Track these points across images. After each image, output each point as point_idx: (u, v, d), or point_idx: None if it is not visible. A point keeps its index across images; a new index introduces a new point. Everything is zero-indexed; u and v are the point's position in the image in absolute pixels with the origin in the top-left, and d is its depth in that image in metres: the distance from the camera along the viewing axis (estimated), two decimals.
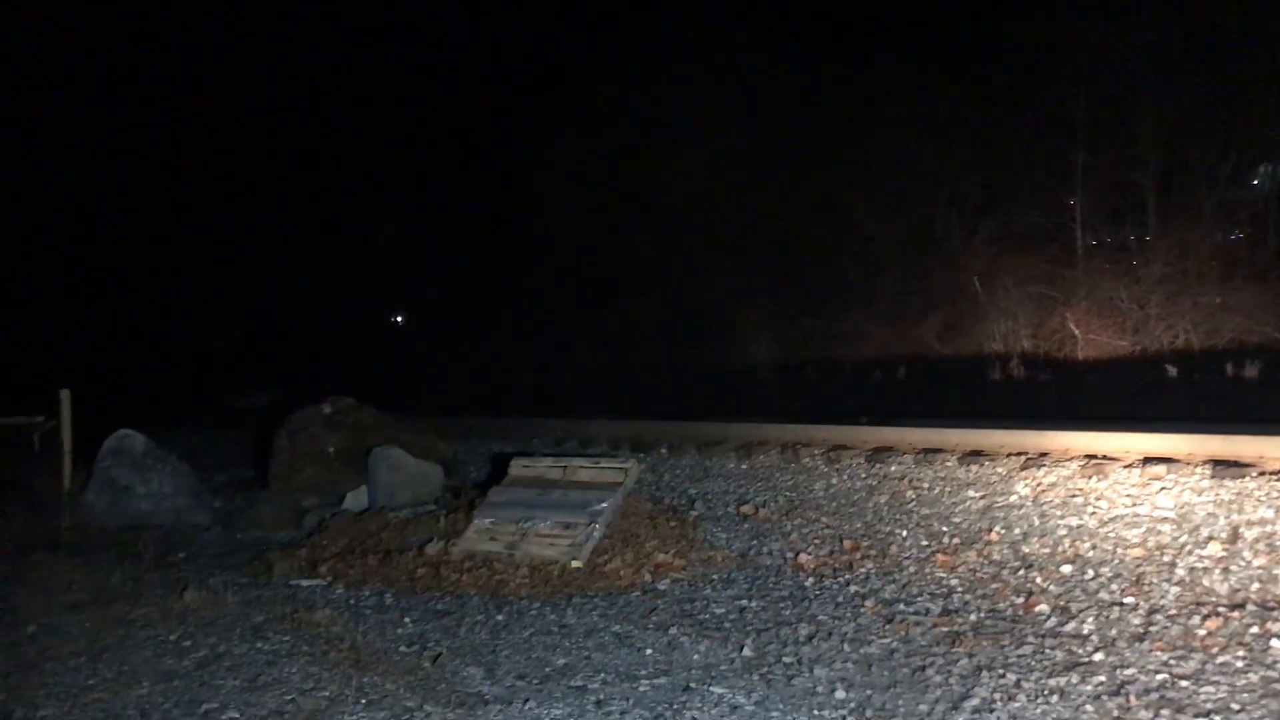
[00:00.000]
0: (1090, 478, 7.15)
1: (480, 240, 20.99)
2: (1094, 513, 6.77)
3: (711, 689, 4.74)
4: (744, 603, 6.08)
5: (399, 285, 21.95)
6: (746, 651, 5.24)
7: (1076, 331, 14.05)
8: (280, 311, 22.71)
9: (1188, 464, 6.93)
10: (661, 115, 17.76)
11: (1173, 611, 5.33)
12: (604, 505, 7.56)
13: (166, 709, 4.65)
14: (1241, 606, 5.24)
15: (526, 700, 4.66)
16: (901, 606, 5.81)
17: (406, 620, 6.07)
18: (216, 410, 16.36)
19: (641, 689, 4.78)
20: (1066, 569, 6.09)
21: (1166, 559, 5.97)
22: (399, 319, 24.02)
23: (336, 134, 22.36)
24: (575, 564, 6.96)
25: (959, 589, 6.03)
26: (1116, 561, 6.09)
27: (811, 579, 6.47)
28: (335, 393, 10.57)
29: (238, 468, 11.15)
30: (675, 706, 4.54)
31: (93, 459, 9.28)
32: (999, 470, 7.72)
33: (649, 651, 5.33)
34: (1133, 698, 4.37)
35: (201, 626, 5.84)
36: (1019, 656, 4.93)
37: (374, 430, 9.96)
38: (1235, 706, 4.24)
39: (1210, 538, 6.08)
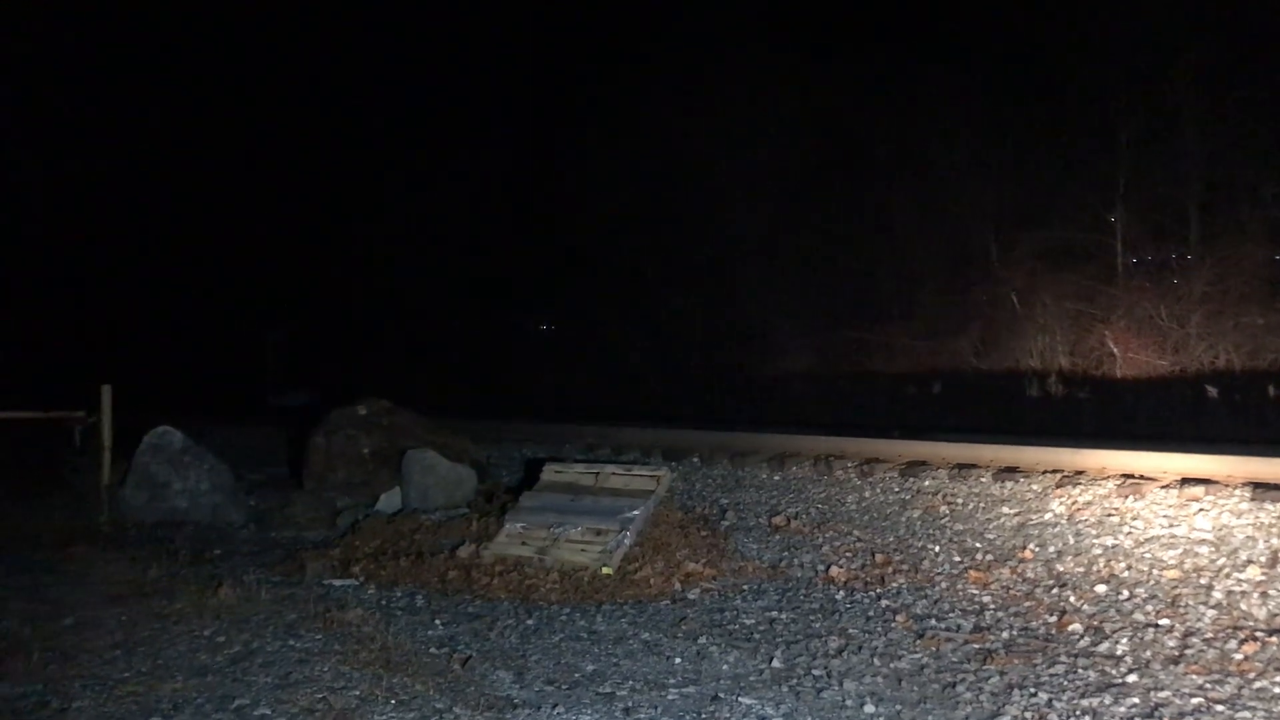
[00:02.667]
0: (1127, 497, 7.08)
1: (514, 242, 21.05)
2: (1130, 533, 6.70)
3: (740, 699, 4.73)
4: (774, 614, 6.06)
5: (431, 286, 22.03)
6: (776, 663, 5.22)
7: (1115, 349, 13.92)
8: (320, 311, 22.92)
9: (1227, 486, 6.85)
10: (705, 120, 17.78)
11: (1209, 635, 5.27)
12: (635, 513, 7.56)
13: (199, 704, 4.69)
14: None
15: (555, 705, 4.67)
16: (933, 622, 5.77)
17: (437, 622, 6.10)
18: (254, 409, 16.51)
19: (670, 697, 4.78)
20: (1101, 589, 6.03)
21: (1203, 581, 5.91)
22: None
23: (378, 136, 22.54)
24: (606, 571, 6.97)
25: (991, 606, 5.99)
26: (1152, 582, 6.02)
27: (842, 592, 6.44)
28: (370, 393, 10.65)
29: (273, 466, 11.25)
30: (703, 716, 4.54)
31: (132, 454, 9.39)
32: (1034, 487, 7.66)
33: (678, 660, 5.32)
34: None
35: (235, 623, 5.90)
36: (1051, 676, 4.89)
37: (408, 432, 10.02)
38: None
39: (1249, 561, 6.01)
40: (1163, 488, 7.07)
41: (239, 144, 23.66)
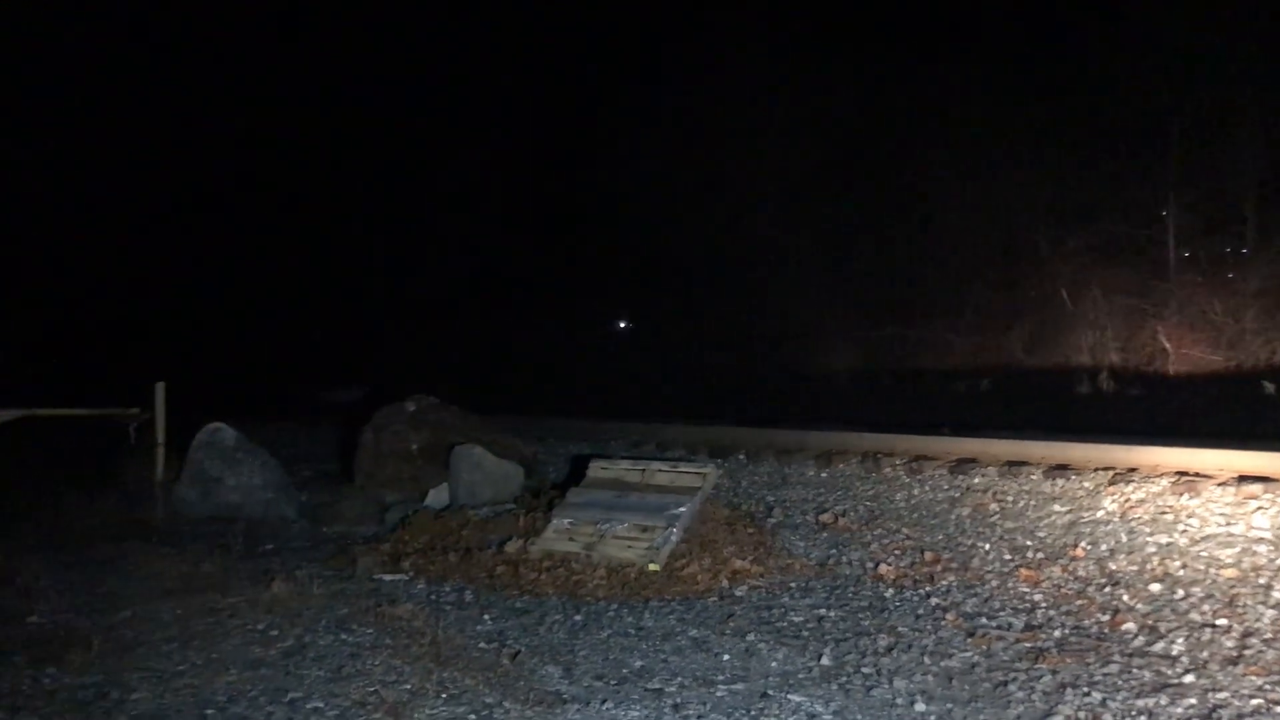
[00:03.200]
0: (1181, 495, 6.98)
1: (556, 240, 21.12)
2: (1185, 531, 6.61)
3: (789, 696, 4.72)
4: (822, 612, 6.04)
5: (477, 282, 22.15)
6: (825, 660, 5.20)
7: (1168, 345, 13.72)
8: (369, 307, 23.14)
9: None
10: (749, 115, 17.72)
11: (1268, 635, 5.18)
12: (682, 509, 7.56)
13: (253, 696, 4.76)
14: None
15: (604, 701, 4.69)
16: (983, 620, 5.72)
17: (486, 617, 6.14)
18: (305, 405, 16.70)
19: (719, 694, 4.78)
20: (1155, 587, 5.95)
21: (1262, 581, 5.81)
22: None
23: (427, 136, 22.69)
24: (652, 567, 6.98)
25: (1043, 604, 5.93)
26: (1208, 582, 5.93)
27: (891, 590, 6.41)
28: (418, 390, 10.74)
29: (323, 462, 11.37)
30: (752, 713, 4.53)
31: (185, 450, 9.52)
32: (1086, 485, 7.57)
33: (726, 657, 5.32)
34: None
35: (288, 617, 5.97)
36: (1105, 675, 4.83)
37: (456, 429, 10.09)
38: None
39: None
40: (1219, 485, 6.96)
41: (293, 143, 23.94)
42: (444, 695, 4.74)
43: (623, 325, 20.98)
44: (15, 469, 10.71)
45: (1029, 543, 6.99)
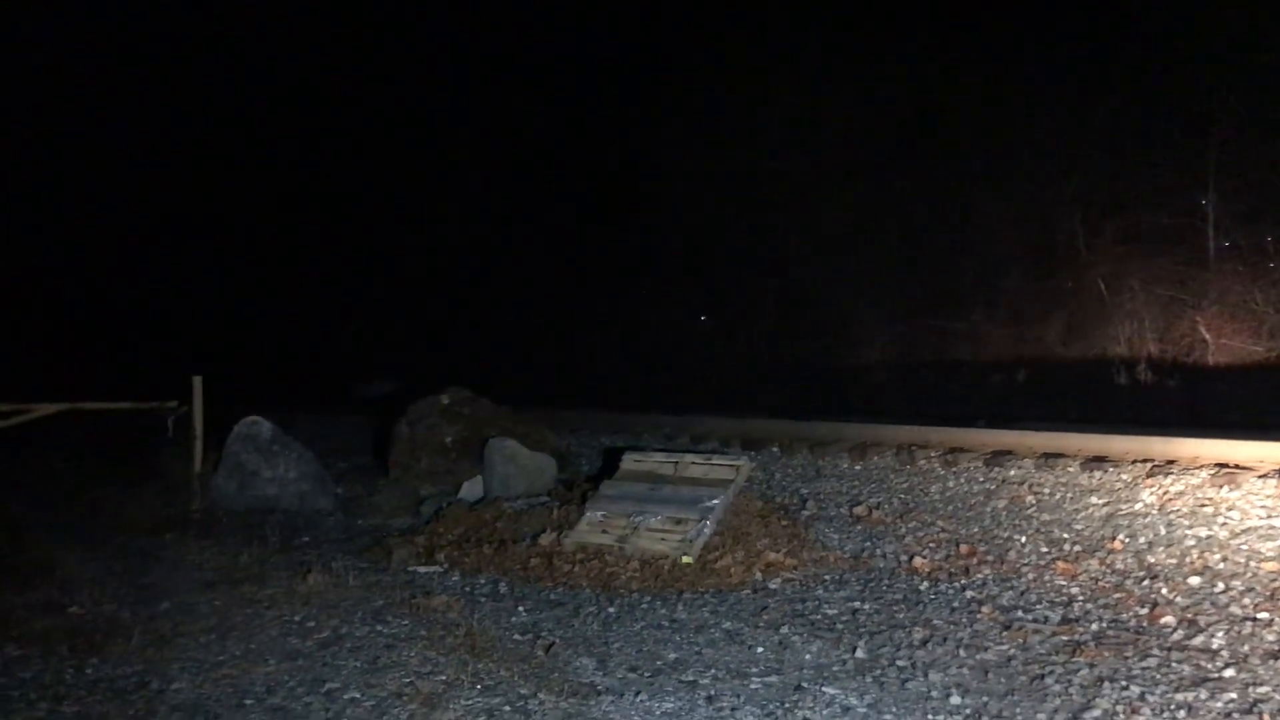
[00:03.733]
0: (1221, 487, 6.90)
1: (588, 228, 21.11)
2: (1225, 524, 6.53)
3: (824, 689, 4.71)
4: (856, 604, 6.02)
5: (514, 276, 22.21)
6: (859, 653, 5.19)
7: (1207, 336, 13.53)
8: (403, 300, 23.25)
9: None
10: (784, 108, 17.63)
11: None
12: (715, 502, 7.56)
13: (291, 687, 4.81)
14: None
15: (638, 693, 4.70)
16: (1020, 613, 5.68)
17: (520, 609, 6.17)
18: (340, 398, 16.82)
19: (753, 686, 4.78)
20: (1194, 581, 5.89)
21: None
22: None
23: (463, 132, 22.75)
24: (686, 560, 6.98)
25: (1080, 597, 5.88)
26: (1249, 575, 5.86)
27: (926, 583, 6.37)
28: (450, 381, 10.78)
29: (358, 455, 11.44)
30: (787, 705, 4.53)
31: (223, 443, 9.63)
32: (1123, 477, 7.50)
33: (760, 650, 5.32)
34: (1266, 717, 4.20)
35: (324, 608, 6.03)
36: (1143, 669, 4.78)
37: (490, 421, 10.13)
38: None
39: None
40: (1260, 477, 6.87)
41: (330, 131, 24.08)
42: (479, 686, 4.76)
43: (703, 319, 20.85)
44: (58, 461, 10.88)
45: (1066, 535, 6.93)
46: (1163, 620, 5.42)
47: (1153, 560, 6.31)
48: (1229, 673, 4.69)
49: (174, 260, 24.30)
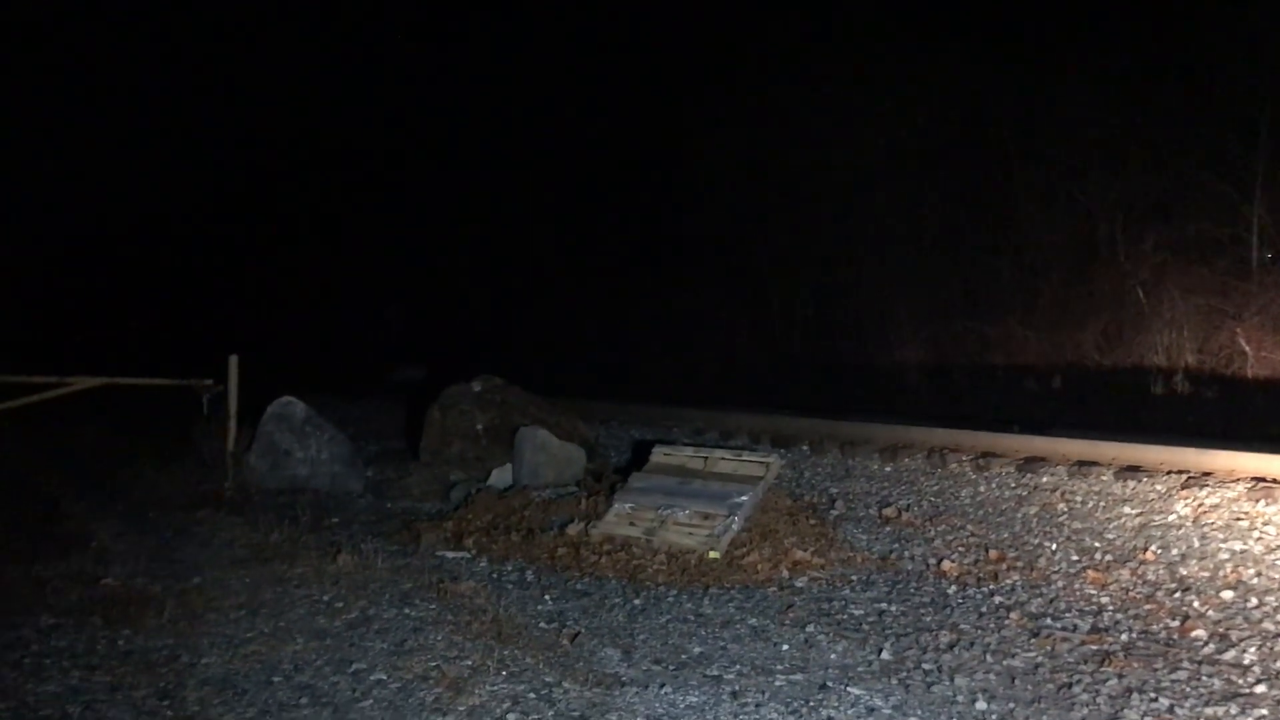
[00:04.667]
0: (1258, 501, 6.83)
1: (626, 220, 21.10)
2: (1260, 538, 6.46)
3: (848, 689, 4.70)
4: (883, 606, 6.00)
5: (547, 267, 22.26)
6: (885, 655, 5.18)
7: (1247, 348, 13.34)
8: (439, 287, 23.36)
9: None
10: (829, 101, 17.53)
11: None
12: (744, 498, 7.56)
13: (318, 666, 4.86)
14: None
15: (663, 685, 4.71)
16: (1048, 621, 5.64)
17: (546, 598, 6.19)
18: (373, 382, 16.92)
19: (777, 683, 4.78)
20: (1227, 595, 5.82)
21: None
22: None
23: (500, 121, 22.81)
24: (713, 555, 6.98)
25: (1110, 607, 5.83)
26: None
27: (954, 587, 6.34)
28: (483, 369, 10.82)
29: (390, 439, 11.52)
30: (811, 704, 4.52)
31: (256, 423, 9.71)
32: (1157, 487, 7.43)
33: (785, 647, 5.31)
34: None
35: (353, 589, 6.08)
36: (1173, 681, 4.74)
37: (521, 410, 10.16)
38: None
39: None
40: None
41: (364, 123, 24.23)
42: (504, 672, 4.79)
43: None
44: (96, 435, 11.02)
45: (1097, 544, 6.87)
46: (1194, 633, 5.36)
47: (1185, 572, 6.25)
48: (1260, 689, 4.64)
49: (219, 246, 24.54)
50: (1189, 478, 7.44)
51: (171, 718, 4.22)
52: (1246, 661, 4.97)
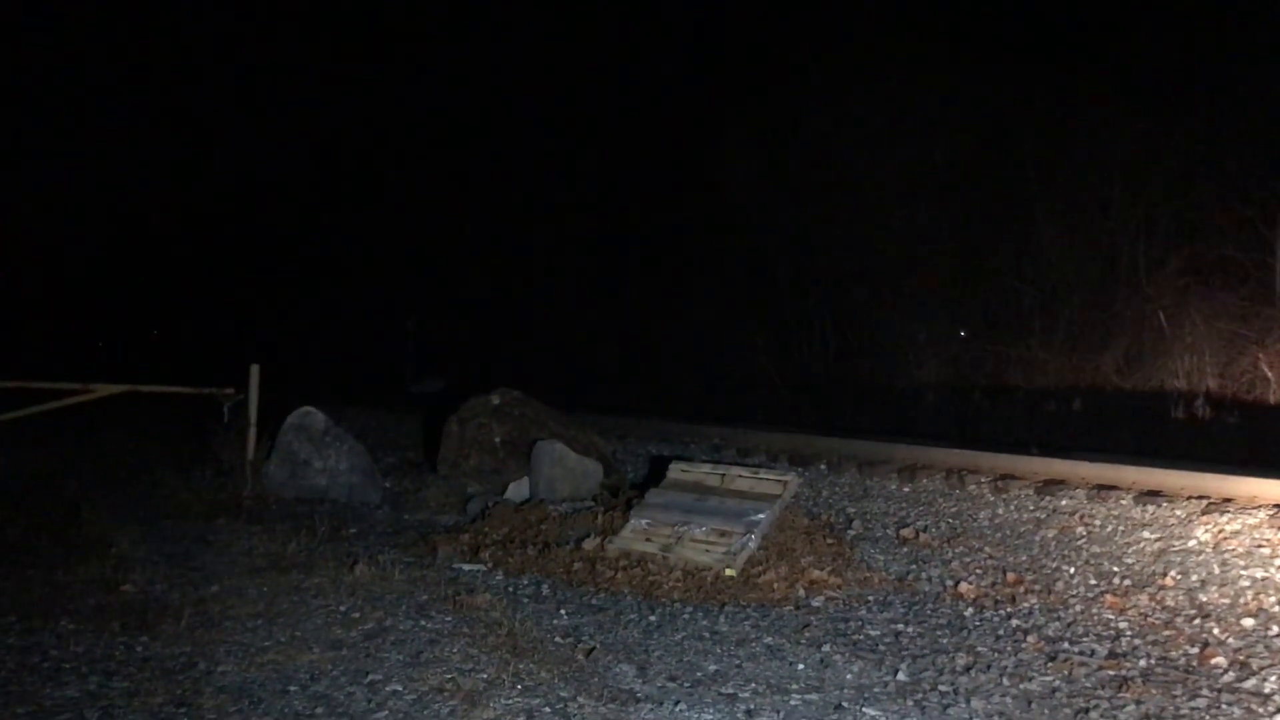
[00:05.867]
0: (1279, 529, 6.76)
1: (648, 238, 21.14)
2: None
3: (864, 710, 4.68)
4: (900, 627, 5.98)
5: (569, 282, 22.31)
6: (901, 676, 5.15)
7: (1270, 373, 13.26)
8: (458, 300, 23.47)
9: None
10: (851, 121, 17.56)
11: None
12: (761, 516, 7.54)
13: (334, 676, 4.87)
14: None
15: (678, 702, 4.70)
16: (1066, 645, 5.61)
17: (562, 612, 6.19)
18: (393, 394, 17.00)
19: (792, 702, 4.76)
20: (1248, 622, 5.77)
21: None
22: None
23: (524, 135, 22.91)
24: (729, 572, 6.97)
25: (1128, 632, 5.79)
26: None
27: (971, 609, 6.31)
28: (501, 383, 10.87)
29: (408, 450, 11.57)
30: None
31: (276, 432, 9.77)
32: (1177, 513, 7.38)
33: (801, 666, 5.29)
34: None
35: (369, 600, 6.10)
36: (1191, 709, 4.70)
37: (538, 423, 10.19)
38: None
39: None
40: None
41: (391, 136, 24.39)
42: (519, 686, 4.79)
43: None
44: (118, 441, 11.11)
45: (1116, 569, 6.83)
46: (1213, 660, 5.32)
47: (1205, 599, 6.20)
48: None
49: (244, 257, 24.75)
50: (1209, 503, 7.39)
51: None
52: (1267, 690, 4.92)
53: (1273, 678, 5.03)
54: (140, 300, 23.09)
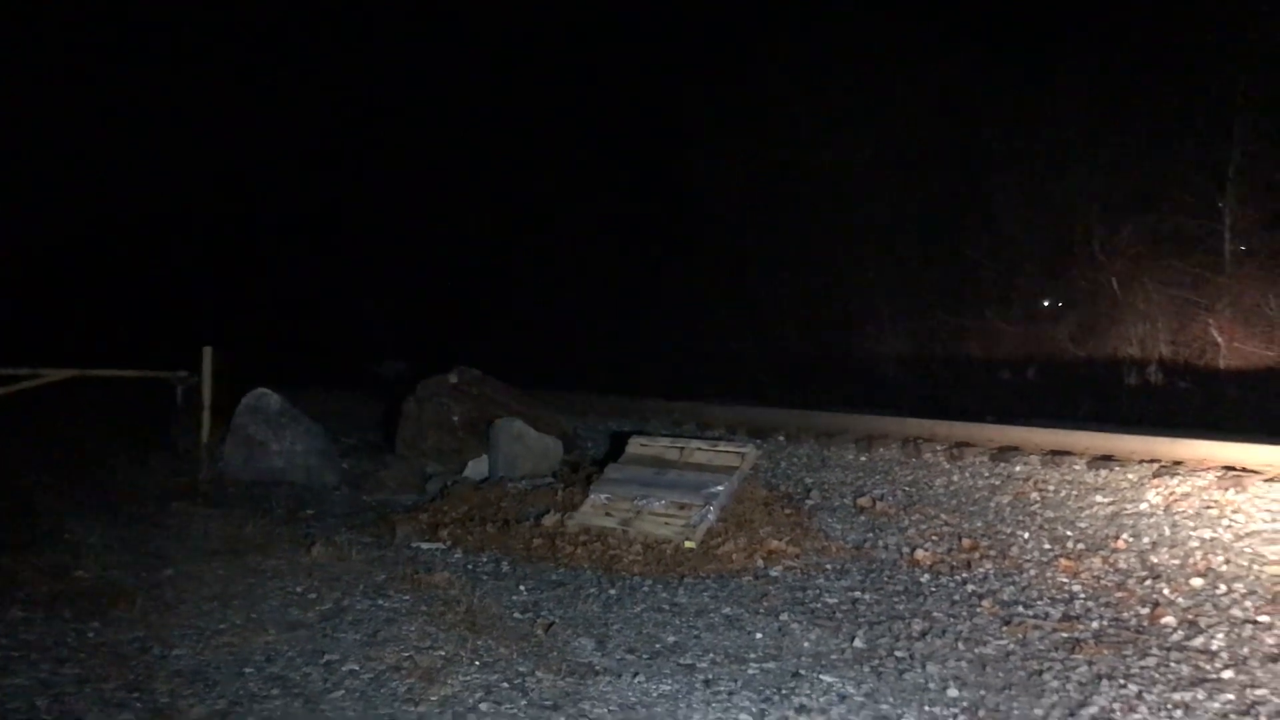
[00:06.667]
0: (1227, 490, 6.88)
1: (609, 216, 21.04)
2: (1229, 526, 6.51)
3: (821, 677, 4.71)
4: (857, 594, 6.03)
5: (531, 262, 22.18)
6: (858, 643, 5.20)
7: (1219, 339, 13.45)
8: (422, 284, 23.30)
9: None
10: (810, 103, 17.57)
11: None
12: (719, 488, 7.57)
13: (290, 657, 4.83)
14: None
15: (636, 674, 4.71)
16: (1020, 609, 5.68)
17: (521, 588, 6.19)
18: (351, 376, 16.86)
19: (750, 671, 4.79)
20: (1197, 582, 5.87)
21: None
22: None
23: (485, 113, 22.70)
24: (688, 544, 6.99)
25: (1081, 595, 5.88)
26: (1251, 578, 5.85)
27: (927, 575, 6.37)
28: (463, 363, 10.80)
29: (366, 431, 11.48)
30: (783, 691, 4.54)
31: (231, 415, 9.65)
32: (1129, 477, 7.48)
33: (759, 635, 5.33)
34: (1264, 719, 4.20)
35: (327, 581, 6.06)
36: (1142, 668, 4.78)
37: (497, 402, 10.15)
38: None
39: None
40: (1266, 481, 6.85)
41: (348, 114, 24.08)
42: (478, 662, 4.79)
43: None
44: (67, 427, 10.93)
45: (1069, 533, 6.92)
46: (1163, 620, 5.41)
47: (1156, 560, 6.30)
48: (1227, 674, 4.68)
49: (198, 238, 24.38)
50: (1161, 467, 7.50)
51: (141, 710, 4.19)
52: (1214, 648, 5.02)
53: (1219, 635, 5.13)
54: (92, 282, 22.68)
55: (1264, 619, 5.31)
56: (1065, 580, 6.16)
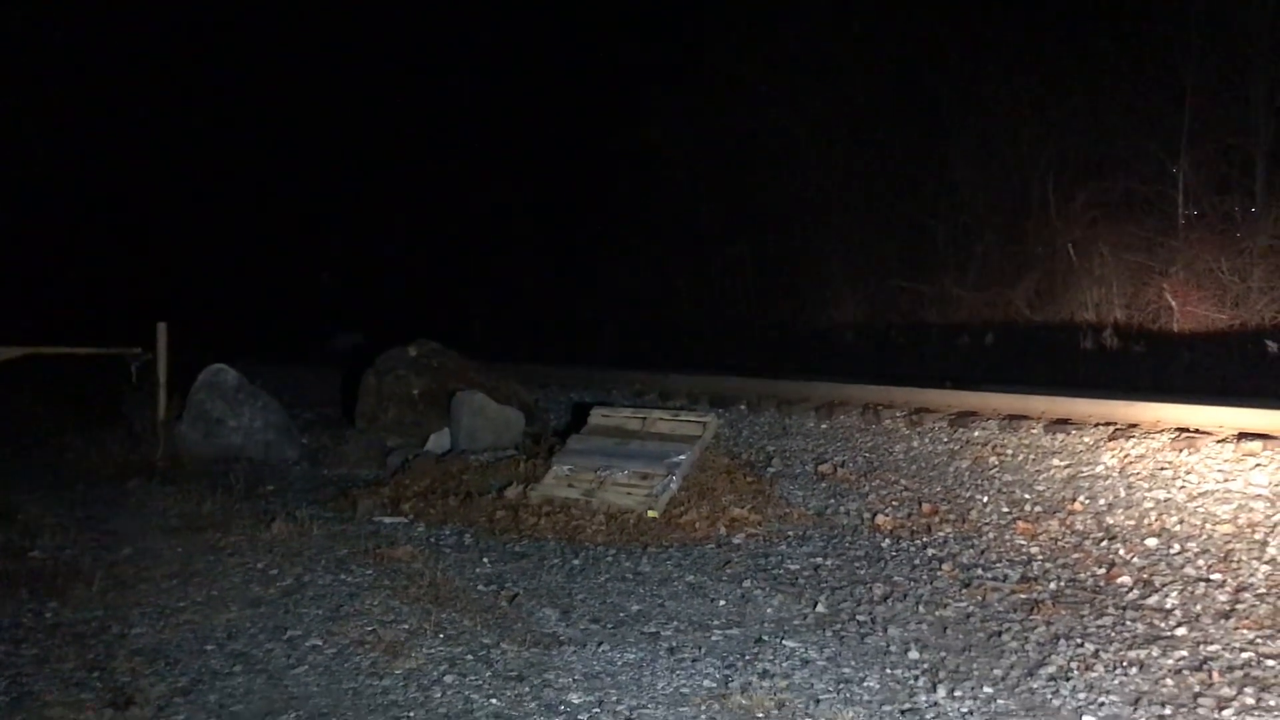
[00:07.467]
0: (1181, 451, 6.98)
1: (566, 185, 20.94)
2: (1183, 487, 6.62)
3: (784, 642, 4.75)
4: (819, 560, 6.08)
5: (486, 232, 22.04)
6: (820, 608, 5.24)
7: (1173, 303, 13.62)
8: (378, 254, 23.10)
9: None
10: (766, 64, 17.53)
11: (1262, 590, 5.21)
12: (681, 458, 7.59)
13: (252, 633, 4.81)
14: None
15: (600, 643, 4.73)
16: (979, 572, 5.76)
17: (485, 560, 6.18)
18: (308, 349, 16.72)
19: (714, 638, 4.82)
20: (1151, 542, 5.98)
21: (1258, 537, 5.83)
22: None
23: (437, 85, 22.46)
24: (651, 514, 7.02)
25: (1039, 557, 5.97)
26: (1204, 537, 5.96)
27: (888, 540, 6.44)
28: (422, 336, 10.73)
29: (325, 406, 11.40)
30: (747, 657, 4.57)
31: (188, 391, 9.54)
32: (1085, 440, 7.57)
33: (722, 603, 5.36)
34: (1215, 674, 4.28)
35: (288, 557, 6.02)
36: (1098, 627, 4.86)
37: (458, 374, 10.10)
38: None
39: None
40: (1218, 442, 6.96)
41: (300, 86, 23.73)
42: (441, 635, 4.78)
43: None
44: (19, 406, 10.77)
45: (1027, 496, 7.01)
46: (1119, 580, 5.50)
47: (1112, 521, 6.40)
48: (1181, 631, 4.77)
49: (150, 211, 24.02)
50: (1116, 429, 7.59)
51: (101, 689, 4.15)
52: (1168, 606, 5.11)
53: (1173, 594, 5.23)
54: (42, 257, 22.29)
55: (1216, 577, 5.41)
56: (1023, 543, 6.25)
